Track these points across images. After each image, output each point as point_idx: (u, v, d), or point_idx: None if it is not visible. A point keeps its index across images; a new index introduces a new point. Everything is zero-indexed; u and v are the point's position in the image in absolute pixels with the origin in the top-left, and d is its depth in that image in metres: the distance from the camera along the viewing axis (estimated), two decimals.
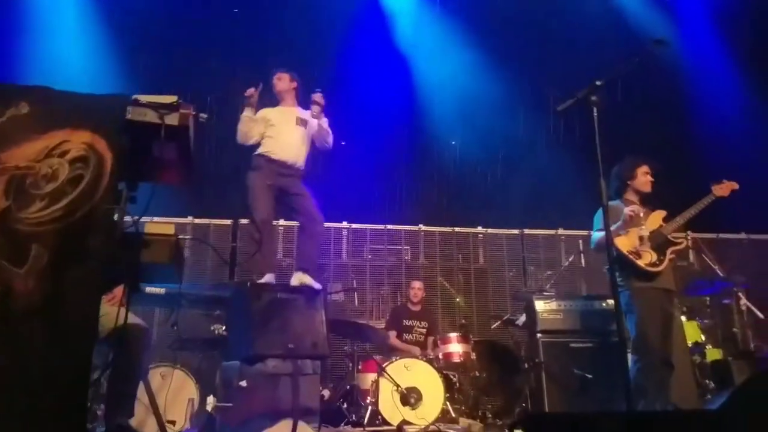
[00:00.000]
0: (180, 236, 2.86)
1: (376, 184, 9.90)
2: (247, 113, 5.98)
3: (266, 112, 6.14)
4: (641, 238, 5.02)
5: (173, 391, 5.32)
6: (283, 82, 6.19)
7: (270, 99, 6.31)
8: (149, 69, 8.82)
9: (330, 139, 6.14)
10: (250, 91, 5.94)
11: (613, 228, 4.54)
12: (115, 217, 2.63)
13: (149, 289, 5.10)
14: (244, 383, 4.77)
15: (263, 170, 5.90)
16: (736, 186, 5.19)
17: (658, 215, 5.22)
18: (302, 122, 6.06)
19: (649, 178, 5.29)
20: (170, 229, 2.79)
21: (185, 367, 5.75)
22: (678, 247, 5.11)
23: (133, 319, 3.64)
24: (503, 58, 9.73)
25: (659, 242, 5.04)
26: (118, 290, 3.29)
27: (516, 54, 9.90)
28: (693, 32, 10.07)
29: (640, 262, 4.93)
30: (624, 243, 4.98)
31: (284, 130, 6.01)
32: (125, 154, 2.64)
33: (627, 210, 4.97)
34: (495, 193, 10.13)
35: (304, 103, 6.20)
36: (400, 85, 9.83)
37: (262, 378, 4.87)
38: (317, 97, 5.98)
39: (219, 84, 8.92)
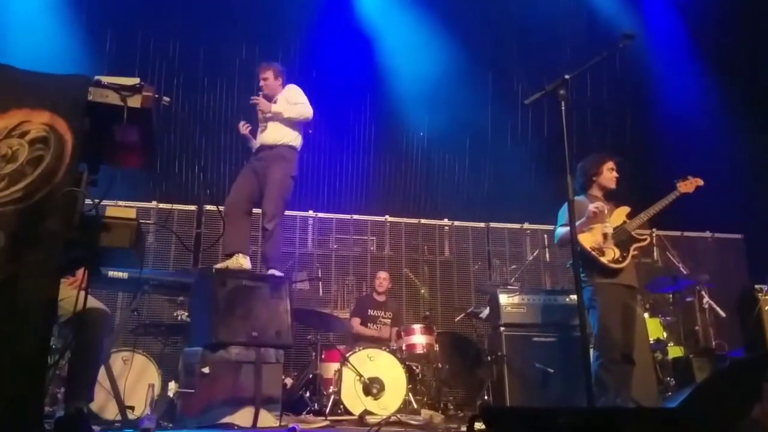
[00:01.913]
0: (141, 221, 2.81)
1: (343, 173, 9.88)
2: (249, 143, 6.13)
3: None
4: (605, 235, 5.01)
5: (134, 375, 5.27)
6: (269, 82, 6.08)
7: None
8: (113, 50, 8.68)
9: (297, 114, 5.91)
10: (242, 127, 6.08)
11: (577, 224, 4.55)
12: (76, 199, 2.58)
13: (112, 273, 5.03)
14: (206, 370, 4.73)
15: (247, 162, 6.05)
16: (701, 182, 5.21)
17: (622, 211, 5.24)
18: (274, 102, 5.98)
19: (615, 174, 5.29)
20: (131, 213, 2.74)
21: (148, 352, 5.70)
22: (641, 244, 5.13)
23: (94, 303, 3.59)
24: (472, 51, 9.74)
25: (623, 239, 5.06)
26: (80, 273, 3.24)
27: (485, 47, 9.93)
28: (660, 29, 10.16)
29: (603, 259, 4.94)
30: (587, 239, 4.99)
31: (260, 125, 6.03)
32: (86, 136, 2.59)
33: (591, 207, 4.97)
34: (462, 185, 10.16)
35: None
36: (369, 75, 9.78)
37: (224, 365, 4.83)
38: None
39: (184, 67, 8.81)
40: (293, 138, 5.94)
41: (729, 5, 9.41)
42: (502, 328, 6.27)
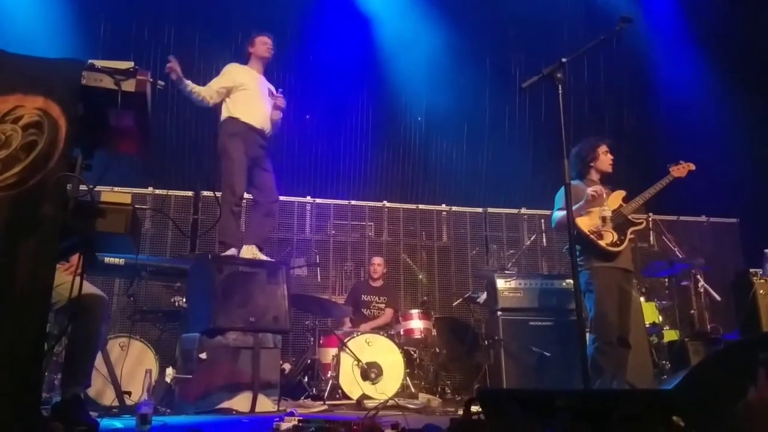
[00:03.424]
0: (137, 206, 2.80)
1: (341, 159, 9.85)
2: (187, 87, 5.68)
3: (235, 70, 6.00)
4: (604, 219, 5.02)
5: (132, 361, 5.27)
6: (267, 47, 6.10)
7: (238, 58, 6.22)
8: (108, 35, 8.61)
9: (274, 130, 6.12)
10: (169, 67, 5.52)
11: (574, 208, 4.54)
12: (70, 185, 2.56)
13: (108, 260, 5.02)
14: (203, 355, 4.75)
15: (244, 138, 5.74)
16: (693, 167, 5.23)
17: (619, 195, 5.25)
18: (271, 95, 6.02)
19: (610, 156, 5.31)
20: (126, 199, 2.72)
21: (145, 338, 5.71)
22: (638, 227, 5.15)
23: (91, 289, 3.58)
24: (470, 35, 9.69)
25: (619, 222, 5.08)
26: (74, 259, 3.23)
27: (483, 31, 9.88)
28: (656, 14, 10.11)
29: (602, 242, 4.96)
30: (585, 223, 4.99)
31: (259, 98, 5.93)
32: (80, 121, 2.57)
33: (589, 190, 4.98)
34: (459, 171, 10.14)
35: (268, 74, 6.18)
36: (366, 60, 9.73)
37: (222, 351, 4.85)
38: (280, 101, 5.96)
39: (179, 51, 8.75)
40: None
41: None
42: (499, 313, 6.29)
